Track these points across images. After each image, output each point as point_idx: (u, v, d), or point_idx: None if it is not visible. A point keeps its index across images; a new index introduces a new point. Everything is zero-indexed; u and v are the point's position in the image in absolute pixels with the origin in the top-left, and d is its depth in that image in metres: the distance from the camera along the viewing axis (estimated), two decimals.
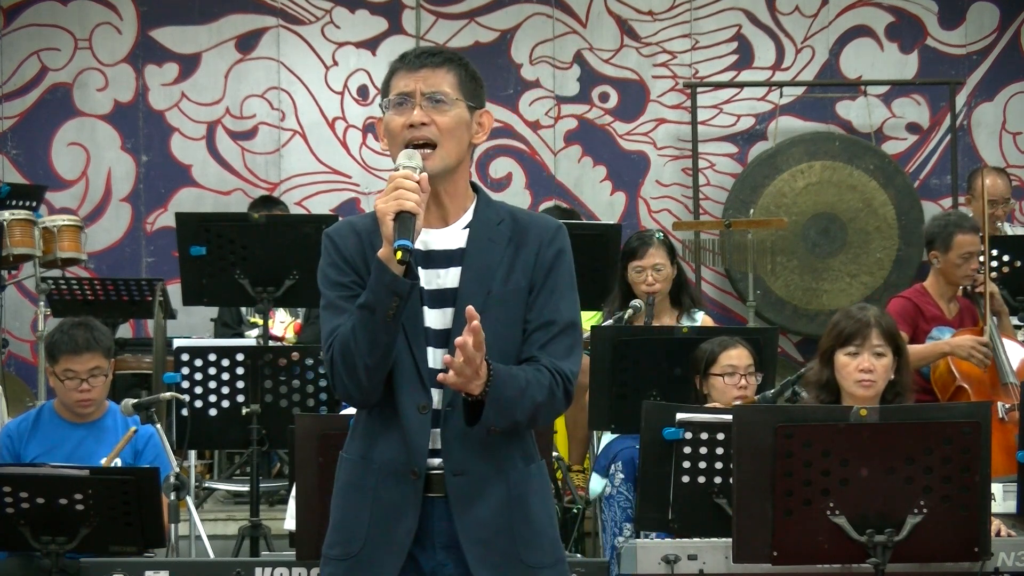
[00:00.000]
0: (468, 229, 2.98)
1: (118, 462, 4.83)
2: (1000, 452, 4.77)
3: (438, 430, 2.93)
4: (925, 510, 3.70)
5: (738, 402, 5.03)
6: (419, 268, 2.92)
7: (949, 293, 6.05)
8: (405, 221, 2.80)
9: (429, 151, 2.93)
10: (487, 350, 2.81)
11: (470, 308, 2.78)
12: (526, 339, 2.97)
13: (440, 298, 2.93)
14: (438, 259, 2.92)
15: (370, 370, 2.88)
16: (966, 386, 5.69)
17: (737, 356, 5.20)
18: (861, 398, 4.37)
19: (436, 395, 2.93)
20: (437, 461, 2.93)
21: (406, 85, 2.96)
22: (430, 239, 2.96)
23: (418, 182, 2.84)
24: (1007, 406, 5.53)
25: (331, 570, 3.00)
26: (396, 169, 2.88)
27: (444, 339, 2.93)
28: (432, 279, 2.94)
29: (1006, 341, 5.86)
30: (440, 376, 2.82)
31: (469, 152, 3.04)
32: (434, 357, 2.93)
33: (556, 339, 2.97)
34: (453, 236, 2.95)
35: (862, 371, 4.40)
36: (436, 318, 2.95)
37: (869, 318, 4.45)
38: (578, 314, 3.03)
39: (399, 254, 2.78)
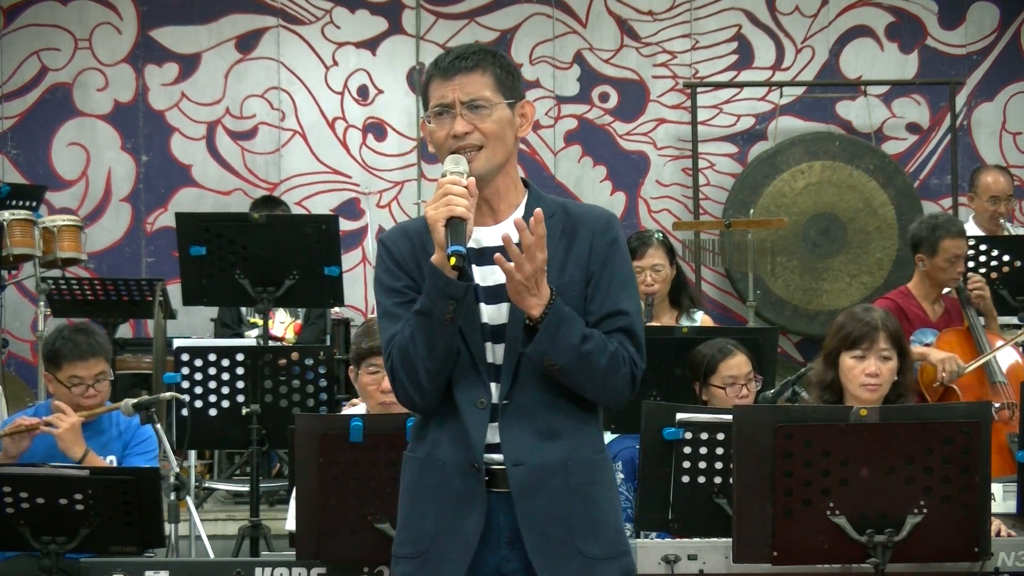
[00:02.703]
0: None
1: (112, 459, 4.84)
2: (991, 451, 4.76)
3: (497, 424, 2.94)
4: (925, 510, 3.69)
5: None
6: (473, 266, 2.93)
7: (934, 295, 6.06)
8: (456, 227, 2.81)
9: (474, 152, 2.94)
10: None
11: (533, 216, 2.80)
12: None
13: (495, 294, 2.93)
14: (491, 256, 2.90)
15: (431, 374, 2.90)
16: (954, 387, 5.69)
17: (737, 365, 5.14)
18: (866, 400, 4.34)
19: (495, 390, 2.94)
20: (500, 456, 2.93)
21: (443, 95, 2.95)
22: (482, 236, 2.97)
23: (466, 187, 2.85)
24: (996, 405, 5.55)
25: (402, 568, 3.01)
26: (443, 175, 2.88)
27: (501, 334, 2.94)
28: (487, 275, 2.94)
29: (998, 343, 5.88)
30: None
31: (515, 147, 3.04)
32: (492, 352, 2.94)
33: (623, 331, 2.97)
34: (505, 232, 2.92)
35: (869, 375, 4.37)
36: (492, 313, 2.95)
37: (876, 321, 4.40)
38: (639, 310, 3.03)
39: (453, 260, 2.79)
